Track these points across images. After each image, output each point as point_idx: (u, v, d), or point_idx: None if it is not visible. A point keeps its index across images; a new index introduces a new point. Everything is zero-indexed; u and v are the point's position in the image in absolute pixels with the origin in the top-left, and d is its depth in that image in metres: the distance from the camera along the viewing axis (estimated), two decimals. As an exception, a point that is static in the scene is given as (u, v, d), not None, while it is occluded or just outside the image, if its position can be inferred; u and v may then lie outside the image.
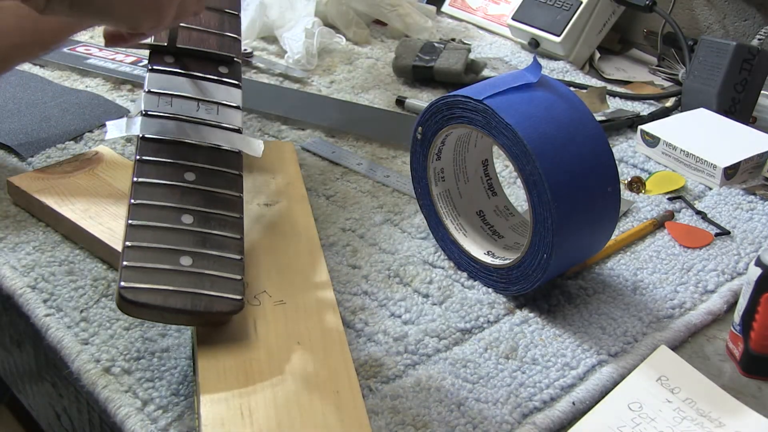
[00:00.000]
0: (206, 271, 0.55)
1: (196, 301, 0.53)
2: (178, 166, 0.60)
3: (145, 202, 0.57)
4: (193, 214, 0.58)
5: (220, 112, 0.65)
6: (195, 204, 0.58)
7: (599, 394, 0.58)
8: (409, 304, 0.65)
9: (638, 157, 0.89)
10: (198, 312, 0.54)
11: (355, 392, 0.53)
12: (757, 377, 0.60)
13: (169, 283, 0.53)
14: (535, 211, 0.61)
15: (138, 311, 0.53)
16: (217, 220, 0.58)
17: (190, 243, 0.56)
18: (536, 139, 0.59)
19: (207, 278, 0.55)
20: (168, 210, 0.57)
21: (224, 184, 0.61)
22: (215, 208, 0.59)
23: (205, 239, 0.57)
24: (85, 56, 1.03)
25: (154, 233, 0.56)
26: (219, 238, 0.57)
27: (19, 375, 0.75)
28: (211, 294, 0.54)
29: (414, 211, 0.76)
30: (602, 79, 1.11)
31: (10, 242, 0.69)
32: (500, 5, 1.24)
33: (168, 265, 0.54)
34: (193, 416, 0.54)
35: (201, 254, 0.56)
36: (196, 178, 0.60)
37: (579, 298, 0.67)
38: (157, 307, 0.53)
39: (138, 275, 0.53)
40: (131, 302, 0.52)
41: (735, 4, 1.15)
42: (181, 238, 0.56)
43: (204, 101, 0.65)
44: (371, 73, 1.07)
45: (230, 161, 0.63)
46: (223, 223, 0.58)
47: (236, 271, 0.56)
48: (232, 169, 0.62)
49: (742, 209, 0.79)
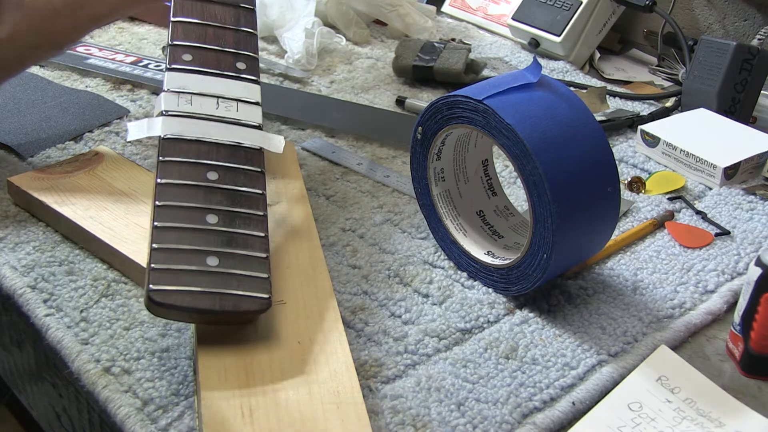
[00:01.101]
0: (233, 271, 0.55)
1: (224, 301, 0.54)
2: (200, 165, 0.60)
3: (170, 203, 0.58)
4: (217, 213, 0.58)
5: (240, 109, 0.65)
6: (219, 203, 0.58)
7: (599, 394, 0.58)
8: (409, 304, 0.65)
9: (638, 157, 0.89)
10: (226, 312, 0.54)
11: (356, 392, 0.53)
12: (757, 377, 0.60)
13: (197, 285, 0.54)
14: (535, 211, 0.61)
15: (167, 313, 0.54)
16: (242, 218, 0.58)
17: (215, 243, 0.56)
18: (536, 139, 0.59)
19: (234, 278, 0.55)
20: (193, 210, 0.57)
21: (247, 182, 0.61)
22: (239, 206, 0.59)
23: (231, 239, 0.57)
24: (85, 56, 1.03)
25: (179, 234, 0.56)
26: (244, 236, 0.57)
27: (19, 375, 0.75)
28: (238, 294, 0.54)
29: (414, 211, 0.76)
30: (602, 79, 1.11)
31: (10, 242, 0.69)
32: (500, 5, 1.24)
33: (195, 266, 0.54)
34: (193, 416, 0.54)
35: (227, 254, 0.56)
36: (219, 177, 0.60)
37: (579, 298, 0.67)
38: (185, 308, 0.53)
39: (166, 277, 0.53)
40: (160, 304, 0.53)
41: (735, 4, 1.15)
42: (207, 238, 0.56)
43: (223, 98, 0.65)
44: (371, 73, 1.07)
45: (252, 158, 0.63)
46: (248, 221, 0.58)
47: (262, 270, 0.56)
48: (255, 167, 0.62)
49: (742, 209, 0.79)
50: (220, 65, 0.67)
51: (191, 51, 0.67)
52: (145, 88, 0.97)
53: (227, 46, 0.68)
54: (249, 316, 0.55)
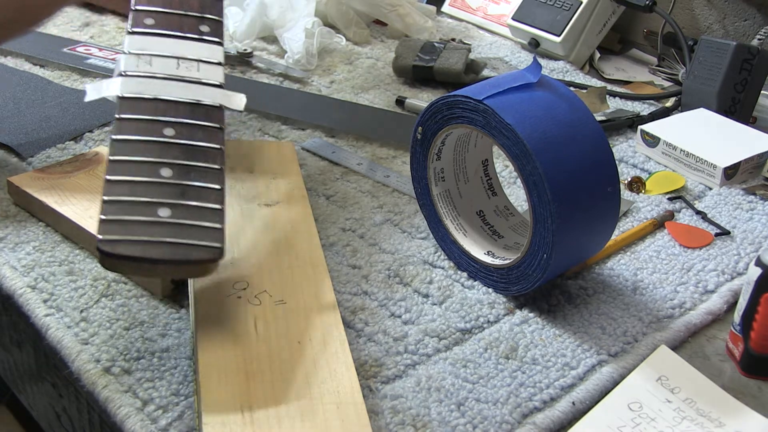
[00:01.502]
0: (185, 221, 0.54)
1: (175, 250, 0.52)
2: (157, 122, 0.59)
3: (124, 158, 0.57)
4: (172, 167, 0.57)
5: (200, 69, 0.64)
6: (174, 157, 0.57)
7: (599, 394, 0.58)
8: (409, 304, 0.65)
9: (638, 157, 0.89)
10: (177, 261, 0.52)
11: (356, 392, 0.53)
12: (757, 377, 0.60)
13: (147, 234, 0.52)
14: (535, 211, 0.61)
15: (118, 264, 0.52)
16: (198, 171, 0.57)
17: (168, 195, 0.55)
18: (536, 139, 0.59)
19: (186, 228, 0.54)
20: (146, 164, 0.56)
21: (204, 137, 0.60)
22: (195, 160, 0.58)
23: (185, 191, 0.56)
24: (85, 56, 1.03)
25: (132, 187, 0.55)
26: (198, 189, 0.56)
27: (19, 375, 0.75)
28: (190, 243, 0.53)
29: (414, 211, 0.76)
30: (602, 79, 1.11)
31: (10, 242, 0.69)
32: (500, 5, 1.24)
33: (147, 217, 0.53)
34: (193, 416, 0.54)
35: (180, 205, 0.55)
36: (176, 132, 0.59)
37: (579, 298, 0.67)
38: (135, 258, 0.52)
39: (116, 228, 0.52)
40: (109, 255, 0.51)
41: (735, 4, 1.15)
42: (160, 190, 0.55)
43: (184, 59, 0.64)
44: (371, 73, 1.07)
45: (211, 115, 0.62)
46: (204, 174, 0.57)
47: (216, 220, 0.55)
48: (213, 123, 0.61)
49: (742, 209, 0.79)
50: (182, 28, 0.66)
51: (154, 15, 0.66)
52: (145, 88, 0.97)
53: (191, 11, 0.68)
54: (201, 266, 0.54)
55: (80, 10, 1.17)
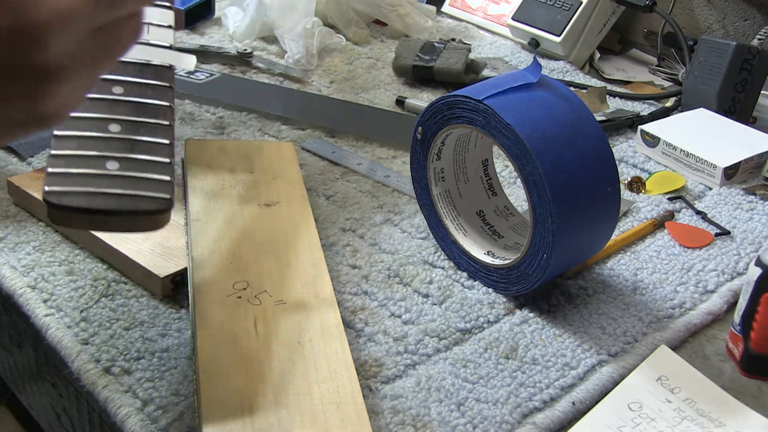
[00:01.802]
0: (133, 174, 0.55)
1: (123, 201, 0.53)
2: (106, 81, 0.61)
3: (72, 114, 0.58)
4: (120, 123, 0.58)
5: (151, 32, 0.66)
6: (123, 114, 0.59)
7: (599, 394, 0.58)
8: (409, 304, 0.65)
9: (638, 157, 0.89)
10: (125, 212, 0.53)
11: (356, 392, 0.53)
12: (757, 377, 0.60)
13: (94, 186, 0.53)
14: (535, 211, 0.61)
15: (65, 218, 0.53)
16: (147, 127, 0.58)
17: (117, 149, 0.56)
18: (536, 139, 0.59)
19: (134, 180, 0.55)
20: (95, 120, 0.57)
21: (154, 95, 0.61)
22: (144, 116, 0.59)
23: (134, 145, 0.57)
24: (85, 56, 1.02)
25: (79, 142, 0.56)
26: (148, 143, 0.57)
27: (19, 375, 0.75)
28: (137, 194, 0.54)
29: (414, 211, 0.76)
30: (602, 79, 1.11)
31: (10, 242, 0.69)
32: (500, 5, 1.24)
33: (94, 170, 0.54)
34: (194, 416, 0.54)
35: (128, 158, 0.56)
36: (125, 90, 0.60)
37: (579, 298, 0.67)
38: (82, 209, 0.52)
39: (63, 180, 0.53)
40: (56, 206, 0.52)
41: (735, 4, 1.15)
42: (108, 144, 0.56)
43: None
44: (371, 73, 1.07)
45: (161, 75, 0.63)
46: (153, 129, 0.58)
47: (165, 173, 0.56)
48: (163, 82, 0.63)
49: (742, 209, 0.79)
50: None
51: None
52: (145, 88, 0.97)
53: None
54: (151, 218, 0.54)
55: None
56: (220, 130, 0.90)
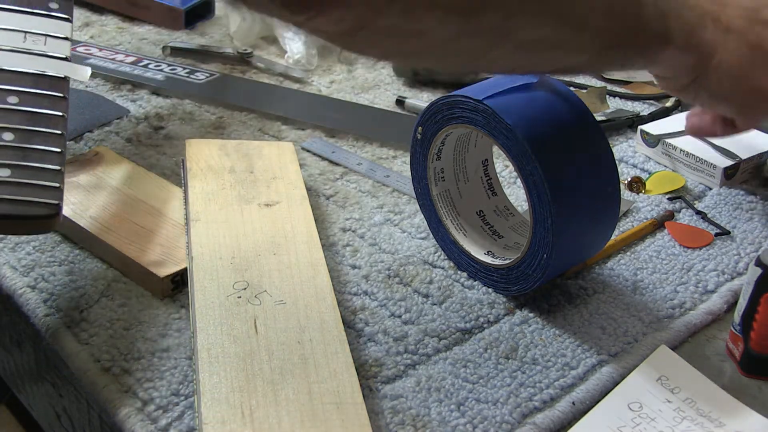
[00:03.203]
0: (24, 180, 0.58)
1: (13, 206, 0.56)
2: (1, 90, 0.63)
3: None
4: (14, 131, 0.60)
5: (47, 43, 0.68)
6: (17, 123, 0.61)
7: (599, 394, 0.58)
8: (409, 304, 0.65)
9: (638, 157, 0.89)
10: (15, 216, 0.56)
11: (356, 392, 0.53)
12: (757, 377, 0.60)
13: None
14: (535, 211, 0.61)
15: None
16: (40, 136, 0.61)
17: (9, 157, 0.59)
18: (536, 139, 0.59)
19: (25, 187, 0.57)
20: None
21: (49, 105, 0.63)
22: (38, 126, 0.61)
23: (26, 154, 0.59)
24: (85, 56, 1.03)
25: None
26: (40, 151, 0.60)
27: (19, 375, 0.75)
28: (28, 200, 0.57)
29: (414, 211, 0.76)
30: (602, 79, 1.11)
31: (10, 242, 0.69)
32: (500, 5, 1.24)
33: None
34: (193, 416, 0.54)
35: (20, 166, 0.58)
36: (20, 100, 0.63)
37: (579, 298, 0.67)
38: None
39: None
40: None
41: (735, 4, 1.14)
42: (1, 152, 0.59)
43: (31, 33, 0.67)
44: (371, 73, 1.07)
45: (56, 86, 0.65)
46: (46, 138, 0.61)
47: (55, 180, 0.58)
48: (57, 92, 0.65)
49: (742, 209, 0.79)
50: (31, 4, 0.69)
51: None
52: (145, 88, 0.97)
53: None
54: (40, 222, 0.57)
55: (80, 10, 1.17)
56: (220, 130, 0.90)
